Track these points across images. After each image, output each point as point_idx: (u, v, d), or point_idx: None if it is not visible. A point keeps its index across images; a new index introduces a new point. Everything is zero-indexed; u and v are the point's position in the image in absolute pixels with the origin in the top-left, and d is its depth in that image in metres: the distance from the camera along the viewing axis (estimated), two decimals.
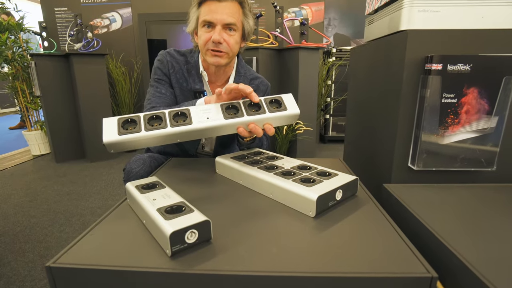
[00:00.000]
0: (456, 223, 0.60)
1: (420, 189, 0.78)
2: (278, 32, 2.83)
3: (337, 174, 0.70)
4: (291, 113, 0.79)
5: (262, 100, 0.80)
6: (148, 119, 0.72)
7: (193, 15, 1.03)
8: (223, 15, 0.97)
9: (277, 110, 0.78)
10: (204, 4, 0.99)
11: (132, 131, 0.69)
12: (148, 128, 0.70)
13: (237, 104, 0.78)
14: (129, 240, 0.53)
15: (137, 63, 3.75)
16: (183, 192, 0.66)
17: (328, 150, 3.63)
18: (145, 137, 0.69)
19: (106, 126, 0.69)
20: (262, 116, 0.77)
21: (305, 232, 0.55)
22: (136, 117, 0.72)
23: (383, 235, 0.53)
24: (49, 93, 3.05)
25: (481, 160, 0.83)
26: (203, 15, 0.99)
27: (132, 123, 0.72)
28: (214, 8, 0.97)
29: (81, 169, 2.98)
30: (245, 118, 0.76)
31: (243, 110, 0.77)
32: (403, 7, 0.82)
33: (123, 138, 0.68)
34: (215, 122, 0.74)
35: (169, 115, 0.74)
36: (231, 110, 0.78)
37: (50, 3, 3.66)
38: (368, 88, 1.10)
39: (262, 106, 0.79)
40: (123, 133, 0.68)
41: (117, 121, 0.71)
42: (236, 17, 1.00)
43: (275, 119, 0.79)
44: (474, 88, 0.77)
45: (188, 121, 0.73)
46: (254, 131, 0.77)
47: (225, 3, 0.97)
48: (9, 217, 2.01)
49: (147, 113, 0.73)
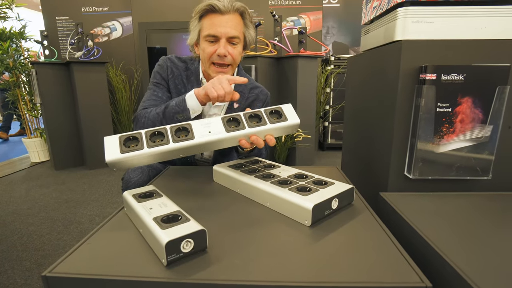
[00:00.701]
0: (451, 232, 0.61)
1: (416, 197, 0.79)
2: (276, 40, 2.87)
3: (333, 183, 0.70)
4: (292, 123, 0.80)
5: (262, 111, 0.80)
6: (150, 136, 0.72)
7: (195, 28, 1.03)
8: (227, 28, 0.97)
9: (278, 121, 0.79)
10: (205, 17, 1.00)
11: (135, 148, 0.69)
12: (150, 145, 0.70)
13: (238, 117, 0.79)
14: (125, 249, 0.53)
15: (137, 71, 3.77)
16: (180, 201, 0.66)
17: (327, 157, 3.64)
18: (148, 154, 0.69)
19: (108, 145, 0.69)
20: (264, 127, 0.78)
21: (301, 241, 0.55)
22: (137, 134, 0.71)
23: (378, 244, 0.54)
24: (49, 101, 3.07)
25: (476, 168, 0.84)
26: (206, 29, 0.99)
27: (134, 140, 0.71)
28: (217, 22, 0.97)
29: (80, 177, 2.98)
30: (247, 130, 0.76)
31: (244, 122, 0.78)
32: (397, 18, 0.84)
33: (126, 156, 0.67)
34: (217, 136, 0.74)
35: (171, 130, 0.73)
36: (232, 123, 0.78)
37: (52, 12, 3.71)
38: (365, 97, 1.11)
39: (262, 118, 0.79)
40: (125, 151, 0.68)
41: (118, 139, 0.70)
42: (239, 29, 1.01)
43: (276, 130, 0.79)
44: (468, 97, 0.78)
45: (190, 136, 0.73)
46: (256, 142, 0.77)
47: (227, 16, 0.98)
48: (7, 224, 2.00)
49: (148, 129, 0.73)
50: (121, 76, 3.62)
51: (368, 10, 1.10)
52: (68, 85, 3.15)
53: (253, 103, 1.16)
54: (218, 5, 0.96)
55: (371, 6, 1.06)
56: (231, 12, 0.98)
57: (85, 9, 3.70)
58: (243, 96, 1.14)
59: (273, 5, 3.66)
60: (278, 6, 3.66)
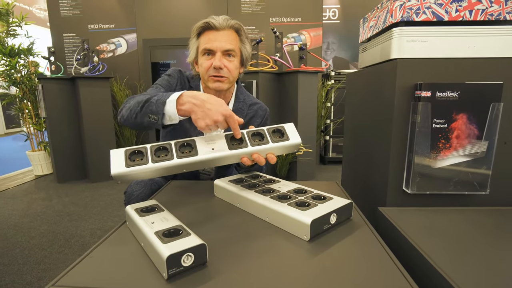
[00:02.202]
0: (449, 248, 0.61)
1: (414, 212, 0.79)
2: (277, 56, 2.93)
3: (332, 198, 0.72)
4: (293, 142, 0.82)
5: (265, 130, 0.83)
6: (155, 150, 0.73)
7: (193, 45, 1.08)
8: (222, 42, 1.02)
9: (280, 140, 0.81)
10: (203, 35, 1.05)
11: (139, 163, 0.70)
12: (155, 159, 0.71)
13: (241, 135, 0.81)
14: (127, 263, 0.55)
15: (141, 86, 3.84)
16: (181, 215, 0.68)
17: (328, 171, 3.64)
18: (152, 168, 0.70)
19: (114, 158, 0.70)
20: (266, 146, 0.80)
21: (300, 256, 0.56)
22: (143, 149, 0.73)
23: (376, 259, 0.54)
24: (54, 115, 3.12)
25: (474, 183, 0.85)
26: (203, 44, 1.04)
27: (139, 154, 0.73)
28: (213, 37, 1.03)
29: (82, 190, 2.99)
30: (249, 148, 0.78)
31: (247, 140, 0.80)
32: (393, 37, 0.87)
33: (131, 170, 0.69)
34: (220, 153, 0.76)
35: (175, 146, 0.75)
36: (235, 140, 0.80)
37: (59, 29, 3.82)
38: (363, 113, 1.13)
39: (265, 136, 0.81)
40: (130, 165, 0.69)
41: (124, 152, 0.72)
42: (234, 43, 1.05)
43: (277, 148, 0.81)
44: (463, 114, 0.80)
45: (194, 152, 0.75)
46: (258, 160, 0.79)
47: (222, 32, 1.03)
48: (8, 238, 2.00)
49: (154, 144, 0.74)
50: (125, 91, 3.69)
51: (365, 29, 1.13)
52: (73, 99, 3.21)
53: (252, 119, 1.19)
54: (214, 22, 1.02)
55: (368, 25, 1.10)
56: (226, 28, 1.04)
57: (91, 26, 3.81)
58: (242, 112, 1.17)
59: (274, 22, 3.76)
60: (279, 23, 3.75)
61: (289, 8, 3.72)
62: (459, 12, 0.83)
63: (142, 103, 0.86)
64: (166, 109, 0.81)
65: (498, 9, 0.82)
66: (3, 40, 3.23)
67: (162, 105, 0.81)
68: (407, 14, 0.84)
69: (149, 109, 0.84)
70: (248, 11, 3.75)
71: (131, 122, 0.90)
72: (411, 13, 0.84)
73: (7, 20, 3.26)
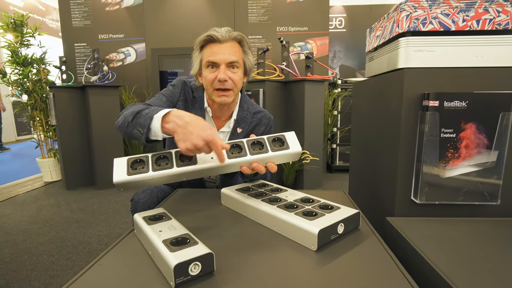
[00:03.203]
0: (459, 259, 0.60)
1: (422, 223, 0.78)
2: (284, 65, 2.95)
3: (339, 207, 0.71)
4: (293, 151, 0.82)
5: (265, 138, 0.83)
6: (156, 159, 0.75)
7: (196, 58, 1.09)
8: (225, 54, 1.03)
9: (280, 149, 0.81)
10: (206, 47, 1.06)
11: (141, 171, 0.73)
12: (155, 168, 0.73)
13: (240, 143, 0.81)
14: (135, 271, 0.55)
15: (149, 94, 3.90)
16: (189, 224, 0.68)
17: (335, 179, 3.61)
18: (152, 177, 0.72)
19: (117, 166, 0.73)
20: (265, 155, 0.80)
21: (307, 266, 0.56)
22: (144, 157, 0.76)
23: (384, 270, 0.54)
24: (64, 123, 3.18)
25: (484, 193, 0.83)
26: (207, 57, 1.05)
27: (141, 163, 0.75)
28: (216, 50, 1.03)
29: (90, 197, 3.02)
30: (248, 157, 0.79)
31: (247, 149, 0.80)
32: (399, 47, 0.87)
33: (132, 178, 0.71)
34: (219, 162, 0.76)
35: (175, 155, 0.77)
36: (235, 149, 0.81)
37: (71, 39, 3.92)
38: (370, 122, 1.13)
39: (265, 145, 0.82)
40: (132, 173, 0.72)
41: (126, 161, 0.74)
42: (238, 55, 1.06)
43: (277, 157, 0.81)
44: (471, 123, 0.80)
45: (193, 161, 0.76)
46: (257, 169, 0.79)
47: (225, 44, 1.04)
48: (17, 244, 2.03)
49: (155, 153, 0.77)
50: (134, 99, 3.74)
51: (372, 39, 1.14)
52: (83, 107, 3.27)
53: (256, 128, 1.19)
54: (217, 35, 1.03)
55: (375, 35, 1.10)
56: (229, 40, 1.04)
57: (102, 36, 3.90)
58: (246, 121, 1.17)
59: (281, 31, 3.79)
60: (285, 32, 3.79)
61: (296, 18, 3.76)
62: (466, 22, 0.83)
63: (135, 113, 0.85)
64: (152, 124, 0.80)
65: (506, 19, 0.82)
66: (17, 50, 3.33)
67: (150, 120, 0.80)
68: (414, 24, 0.84)
69: (138, 121, 0.83)
70: (255, 21, 3.80)
71: (123, 130, 0.89)
72: (417, 23, 0.84)
73: (21, 31, 3.36)
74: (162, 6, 3.84)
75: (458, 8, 0.83)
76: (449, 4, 0.83)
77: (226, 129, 1.17)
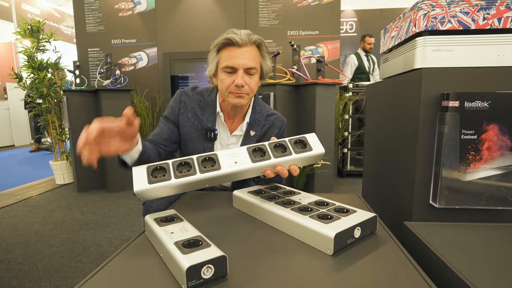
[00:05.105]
0: (483, 265, 0.57)
1: (443, 228, 0.75)
2: (295, 69, 2.93)
3: (355, 211, 0.69)
4: (316, 153, 0.80)
5: (287, 141, 0.81)
6: (177, 166, 0.72)
7: (213, 60, 1.06)
8: (244, 60, 1.00)
9: (303, 151, 0.79)
10: (223, 50, 1.02)
11: (162, 179, 0.69)
12: (177, 175, 0.70)
13: (263, 147, 0.79)
14: (145, 273, 0.54)
15: (160, 98, 3.93)
16: (200, 226, 0.66)
17: (347, 184, 3.55)
18: (175, 184, 0.69)
19: (136, 175, 0.69)
20: (289, 157, 0.77)
21: (323, 271, 0.53)
22: (165, 165, 0.72)
23: (404, 276, 0.51)
24: (77, 126, 3.22)
25: (508, 198, 0.80)
26: (224, 61, 1.01)
27: (161, 170, 0.72)
28: (234, 54, 1.00)
29: (101, 199, 3.05)
30: (272, 160, 0.76)
31: (270, 152, 0.78)
32: (416, 46, 0.85)
33: (154, 187, 0.68)
34: (243, 166, 0.74)
35: (197, 160, 0.74)
36: (257, 153, 0.78)
37: (85, 44, 4.00)
38: (385, 125, 1.10)
39: (287, 147, 0.79)
40: (153, 181, 0.68)
41: (146, 169, 0.71)
42: (256, 60, 1.03)
43: (301, 159, 0.79)
44: (494, 124, 0.76)
45: (217, 167, 0.73)
46: (281, 172, 0.77)
47: (244, 48, 1.00)
48: (30, 245, 2.05)
49: (175, 160, 0.74)
50: (145, 103, 3.78)
51: (387, 40, 1.12)
52: (95, 111, 3.32)
53: (269, 130, 1.17)
54: (236, 38, 0.99)
55: (389, 35, 1.08)
56: (248, 44, 1.01)
57: (114, 41, 3.97)
58: (259, 124, 1.15)
59: (292, 35, 3.79)
60: (296, 36, 3.78)
61: (307, 22, 3.76)
62: (487, 20, 0.81)
63: None
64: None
65: None
66: (33, 55, 3.41)
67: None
68: (432, 23, 0.82)
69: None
70: (266, 25, 3.81)
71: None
72: (435, 22, 0.82)
73: (37, 37, 3.45)
74: (174, 11, 3.89)
75: (478, 6, 0.80)
76: (468, 2, 0.80)
77: (238, 133, 1.15)
